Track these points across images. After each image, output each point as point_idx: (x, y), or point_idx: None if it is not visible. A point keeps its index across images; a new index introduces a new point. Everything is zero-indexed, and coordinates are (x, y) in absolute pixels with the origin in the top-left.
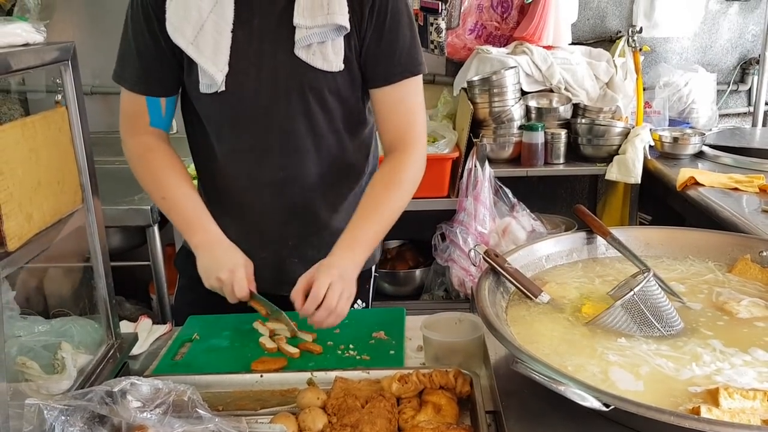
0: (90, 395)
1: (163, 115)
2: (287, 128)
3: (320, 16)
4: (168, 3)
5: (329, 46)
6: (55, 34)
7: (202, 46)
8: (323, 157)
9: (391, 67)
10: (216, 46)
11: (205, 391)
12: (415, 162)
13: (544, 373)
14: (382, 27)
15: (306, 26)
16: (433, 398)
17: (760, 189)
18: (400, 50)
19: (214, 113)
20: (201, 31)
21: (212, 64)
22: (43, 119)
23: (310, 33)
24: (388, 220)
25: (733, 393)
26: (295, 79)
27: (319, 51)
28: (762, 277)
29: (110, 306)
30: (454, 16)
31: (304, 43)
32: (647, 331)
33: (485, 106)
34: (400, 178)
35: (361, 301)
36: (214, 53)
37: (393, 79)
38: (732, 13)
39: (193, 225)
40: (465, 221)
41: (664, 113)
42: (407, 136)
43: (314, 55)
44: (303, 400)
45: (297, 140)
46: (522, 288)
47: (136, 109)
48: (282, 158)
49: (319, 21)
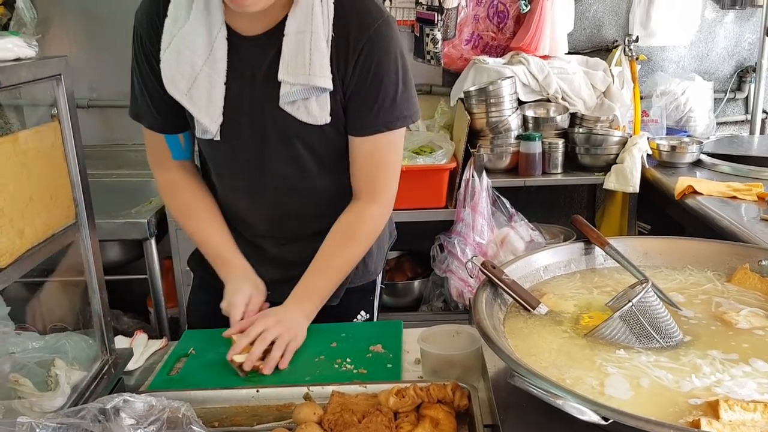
0: (83, 413)
1: (183, 148)
2: (279, 172)
3: (301, 75)
4: (162, 54)
5: (313, 101)
6: (52, 48)
7: (196, 98)
8: (318, 195)
9: (366, 120)
10: (209, 98)
11: (200, 406)
12: (375, 216)
13: (542, 387)
14: (363, 83)
15: (290, 83)
16: (430, 412)
17: (758, 197)
18: (378, 106)
19: (212, 155)
20: (194, 83)
21: (206, 115)
22: (35, 134)
23: (293, 90)
24: (341, 273)
25: (733, 405)
26: (283, 129)
27: (303, 106)
28: (761, 287)
29: (105, 321)
30: (451, 26)
31: (288, 99)
32: (646, 342)
33: (482, 117)
34: (357, 232)
35: (365, 312)
36: (207, 104)
37: (366, 132)
38: (728, 21)
39: (218, 261)
40: (463, 232)
41: (661, 122)
42: (373, 188)
43: (299, 109)
44: (299, 415)
45: (290, 182)
46: (520, 300)
47: (157, 145)
48: (277, 197)
49: (301, 80)
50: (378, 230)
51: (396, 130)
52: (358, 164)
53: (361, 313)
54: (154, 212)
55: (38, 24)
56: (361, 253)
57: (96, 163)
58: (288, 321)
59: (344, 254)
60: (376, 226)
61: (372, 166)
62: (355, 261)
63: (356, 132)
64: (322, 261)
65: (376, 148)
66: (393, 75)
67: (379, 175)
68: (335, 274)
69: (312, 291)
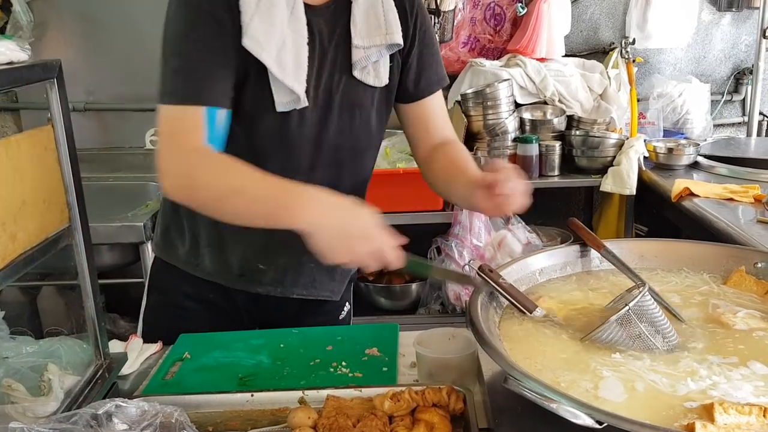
0: (75, 418)
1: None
2: (334, 144)
3: (378, 36)
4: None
5: (381, 63)
6: (49, 51)
7: (285, 62)
8: (355, 171)
9: (437, 75)
10: (297, 62)
11: (195, 411)
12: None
13: (536, 390)
14: (423, 40)
15: (364, 47)
16: (425, 416)
17: (755, 199)
18: (439, 59)
19: (274, 132)
20: (283, 46)
21: (294, 80)
22: (28, 137)
23: (368, 53)
24: None
25: (728, 408)
26: (347, 96)
27: (373, 69)
28: (757, 289)
29: (98, 326)
30: (447, 29)
31: (362, 64)
32: (642, 345)
33: (479, 119)
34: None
35: (348, 304)
36: (295, 69)
37: (434, 89)
38: (725, 23)
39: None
40: (460, 234)
41: (658, 124)
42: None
43: (368, 74)
44: (294, 419)
45: (339, 155)
46: (517, 303)
47: (188, 126)
48: (324, 172)
49: (377, 41)
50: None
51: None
52: (435, 118)
53: (345, 305)
54: (151, 215)
55: (35, 27)
56: None
57: (92, 167)
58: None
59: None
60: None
61: (447, 119)
62: None
63: (434, 87)
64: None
65: (440, 98)
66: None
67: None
68: None
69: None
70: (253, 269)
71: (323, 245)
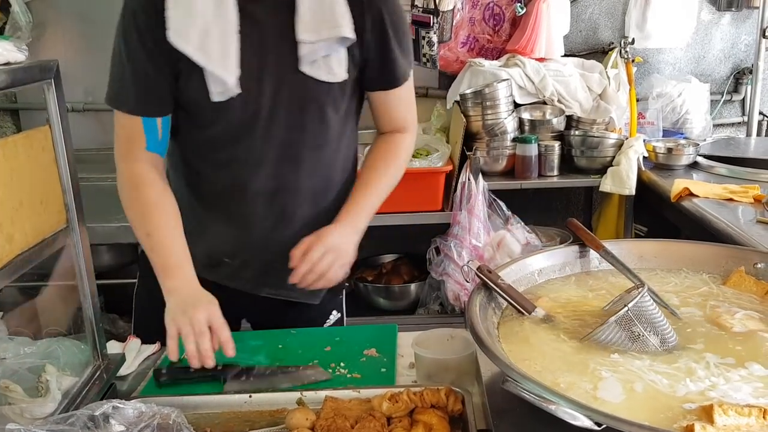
0: (72, 419)
1: (160, 138)
2: (285, 139)
3: (325, 29)
4: (168, 10)
5: (334, 58)
6: (47, 51)
7: (210, 50)
8: (316, 167)
9: (399, 69)
10: (224, 50)
11: (193, 412)
12: (409, 143)
13: (535, 392)
14: (382, 32)
15: (310, 41)
16: (424, 417)
17: (755, 199)
18: (404, 51)
19: (216, 123)
20: (207, 35)
21: (221, 67)
22: (25, 138)
23: (315, 47)
24: (385, 192)
25: (727, 409)
26: (297, 92)
27: (324, 64)
28: (757, 290)
29: (96, 326)
30: (446, 29)
31: (309, 59)
32: (642, 346)
33: (478, 119)
34: (398, 154)
35: (336, 311)
36: (222, 57)
37: (395, 84)
38: (724, 23)
39: (173, 269)
40: (459, 235)
41: (657, 124)
42: (407, 123)
43: (319, 68)
44: (292, 420)
45: (293, 151)
46: (516, 304)
47: (131, 133)
48: (277, 168)
49: (324, 35)
50: (410, 157)
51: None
52: (395, 111)
53: (333, 312)
54: None
55: (34, 28)
56: (398, 177)
57: (91, 167)
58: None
59: (388, 173)
60: (410, 152)
61: (407, 107)
62: (394, 183)
63: (394, 83)
64: (368, 178)
65: (408, 89)
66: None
67: (410, 111)
68: (381, 192)
69: (363, 207)
70: (219, 262)
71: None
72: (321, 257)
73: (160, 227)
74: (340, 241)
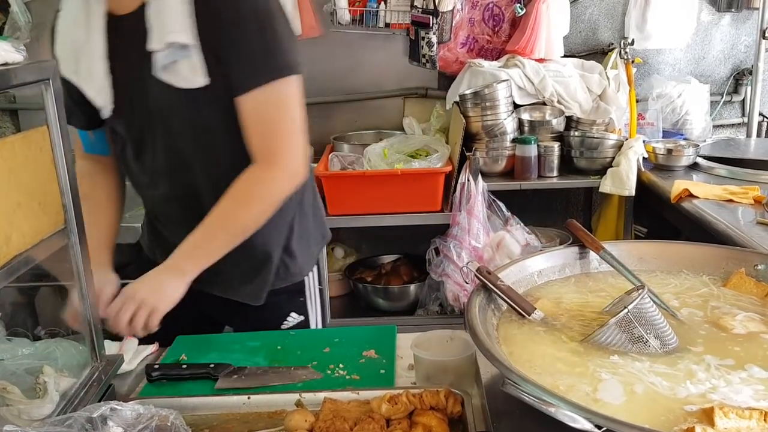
0: (69, 421)
1: (93, 141)
2: (162, 146)
3: (165, 36)
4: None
5: (182, 63)
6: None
7: (85, 74)
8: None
9: (241, 76)
10: (91, 73)
11: (191, 413)
12: (270, 180)
13: (534, 394)
14: (220, 33)
15: (157, 50)
16: (423, 419)
17: (755, 200)
18: (254, 53)
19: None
20: (78, 60)
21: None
22: (23, 139)
23: (160, 56)
24: (231, 235)
25: (728, 412)
26: (158, 101)
27: (174, 70)
28: (757, 292)
29: (95, 327)
30: (446, 30)
31: (161, 64)
32: (642, 348)
33: (478, 120)
34: (250, 195)
35: (296, 314)
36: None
37: (240, 89)
38: (724, 24)
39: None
40: (459, 236)
41: (657, 125)
42: (266, 150)
43: (172, 75)
44: (290, 422)
45: (180, 159)
46: (515, 306)
47: (75, 138)
48: (176, 174)
49: (165, 40)
50: (276, 195)
51: (276, 86)
52: (246, 126)
53: (291, 314)
54: None
55: (33, 28)
56: (255, 217)
57: None
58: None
59: (236, 216)
60: (272, 190)
61: (259, 126)
62: (248, 224)
63: (235, 91)
64: (210, 220)
65: (259, 104)
66: (255, 25)
67: (269, 135)
68: (224, 235)
69: (195, 249)
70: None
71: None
72: (121, 308)
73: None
74: (150, 288)
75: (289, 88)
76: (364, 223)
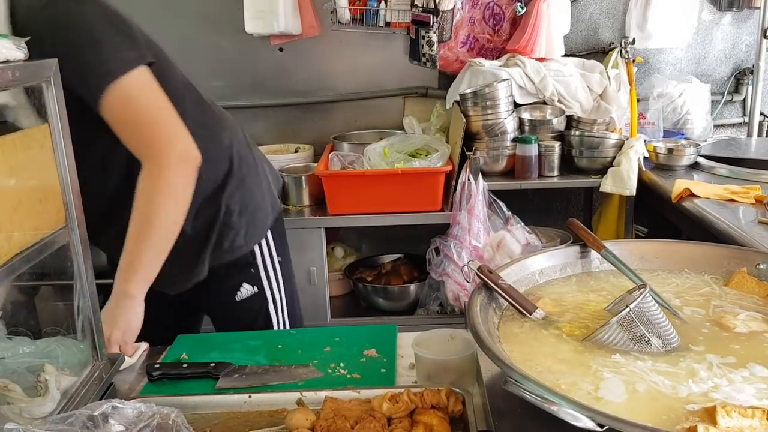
0: (71, 419)
1: None
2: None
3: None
4: None
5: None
6: None
7: None
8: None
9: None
10: None
11: (192, 412)
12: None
13: (536, 393)
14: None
15: None
16: (424, 418)
17: (756, 200)
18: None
19: None
20: None
21: None
22: (24, 137)
23: None
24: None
25: (731, 411)
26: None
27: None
28: (759, 291)
29: (95, 326)
30: (446, 29)
31: None
32: (644, 347)
33: (478, 119)
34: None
35: (248, 285)
36: None
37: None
38: (725, 23)
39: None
40: (459, 235)
41: (658, 124)
42: (144, 146)
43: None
44: (291, 421)
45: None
46: (516, 305)
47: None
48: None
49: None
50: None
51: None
52: (118, 133)
53: (243, 285)
54: None
55: None
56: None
57: None
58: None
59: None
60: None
61: (125, 129)
62: (167, 224)
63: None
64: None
65: (113, 110)
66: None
67: (137, 134)
68: (150, 246)
69: (130, 268)
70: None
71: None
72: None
73: None
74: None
75: (130, 83)
76: (364, 223)
